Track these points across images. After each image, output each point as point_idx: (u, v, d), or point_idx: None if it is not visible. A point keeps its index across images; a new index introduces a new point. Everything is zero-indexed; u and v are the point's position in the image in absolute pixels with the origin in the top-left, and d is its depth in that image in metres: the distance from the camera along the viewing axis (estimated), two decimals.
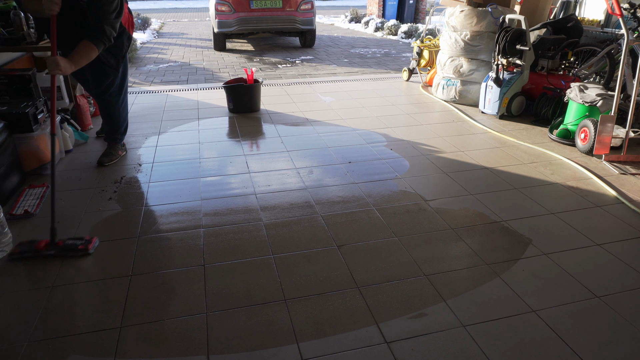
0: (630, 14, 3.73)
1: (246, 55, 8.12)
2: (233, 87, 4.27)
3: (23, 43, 3.33)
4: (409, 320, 1.74)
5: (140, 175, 3.02)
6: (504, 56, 4.08)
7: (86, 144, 3.55)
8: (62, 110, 3.63)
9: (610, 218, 2.48)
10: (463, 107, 4.53)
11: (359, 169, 3.09)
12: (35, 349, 1.61)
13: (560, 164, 3.19)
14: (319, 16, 15.33)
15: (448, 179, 2.94)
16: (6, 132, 2.67)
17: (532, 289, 1.91)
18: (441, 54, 4.83)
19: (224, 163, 3.21)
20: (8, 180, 2.65)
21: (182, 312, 1.78)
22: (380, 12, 13.92)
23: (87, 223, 2.42)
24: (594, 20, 4.97)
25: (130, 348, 1.62)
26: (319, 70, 6.75)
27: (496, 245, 2.23)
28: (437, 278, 1.98)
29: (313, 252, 2.17)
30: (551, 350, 1.60)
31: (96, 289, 1.93)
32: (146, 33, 10.59)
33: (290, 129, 3.91)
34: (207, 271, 2.03)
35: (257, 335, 1.67)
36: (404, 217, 2.48)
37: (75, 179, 2.94)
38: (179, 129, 3.92)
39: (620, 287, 1.93)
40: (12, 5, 3.36)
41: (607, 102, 3.29)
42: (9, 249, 2.16)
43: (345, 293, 1.89)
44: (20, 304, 1.83)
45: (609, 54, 4.14)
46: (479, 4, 4.65)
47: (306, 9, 8.25)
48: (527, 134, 3.78)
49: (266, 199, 2.68)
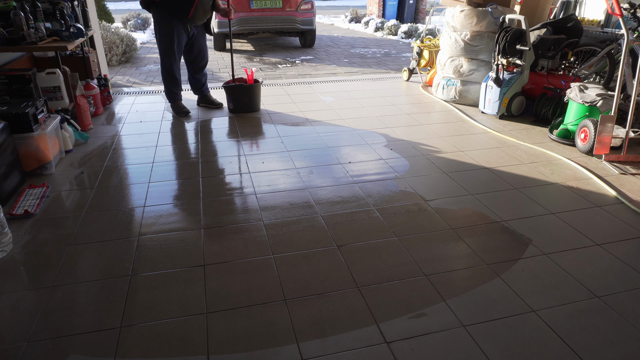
0: (630, 14, 3.73)
1: (246, 55, 8.12)
2: (233, 87, 4.27)
3: (23, 43, 3.32)
4: (409, 320, 1.74)
5: (140, 175, 3.02)
6: (504, 56, 4.08)
7: (86, 144, 3.55)
8: (62, 110, 3.63)
9: (610, 218, 2.48)
10: (463, 107, 4.53)
11: (358, 169, 3.08)
12: (35, 349, 1.61)
13: (560, 164, 3.19)
14: (319, 16, 15.33)
15: (448, 179, 2.94)
16: (6, 132, 2.67)
17: (532, 289, 1.91)
18: (441, 54, 4.83)
19: (224, 163, 3.21)
20: (8, 180, 2.65)
21: (182, 312, 1.78)
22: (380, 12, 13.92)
23: (85, 222, 2.42)
24: (594, 20, 4.97)
25: (130, 348, 1.61)
26: (319, 70, 6.75)
27: (496, 245, 2.23)
28: (437, 278, 1.98)
29: (313, 252, 2.17)
30: (551, 350, 1.60)
31: (96, 289, 1.93)
32: (146, 33, 10.59)
33: (290, 129, 3.91)
34: (207, 271, 2.03)
35: (257, 335, 1.67)
36: (404, 217, 2.48)
37: (74, 179, 2.94)
38: (179, 129, 3.92)
39: (620, 287, 1.93)
40: (12, 5, 3.36)
41: (607, 102, 3.29)
42: (9, 249, 2.16)
43: (345, 293, 1.89)
44: (20, 304, 1.83)
45: (609, 54, 4.14)
46: (479, 4, 4.65)
47: (306, 9, 8.25)
48: (527, 134, 3.78)
49: (266, 199, 2.68)
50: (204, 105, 4.58)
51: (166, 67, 4.14)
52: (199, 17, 4.00)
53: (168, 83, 4.23)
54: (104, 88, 4.52)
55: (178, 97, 4.33)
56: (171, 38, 3.98)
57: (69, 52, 4.33)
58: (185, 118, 4.22)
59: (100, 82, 4.50)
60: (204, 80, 4.49)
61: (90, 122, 3.92)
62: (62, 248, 2.20)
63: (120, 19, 11.73)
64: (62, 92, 3.74)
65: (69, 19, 3.88)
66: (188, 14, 3.88)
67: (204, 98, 4.56)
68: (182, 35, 4.04)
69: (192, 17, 3.92)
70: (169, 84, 4.23)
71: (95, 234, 2.33)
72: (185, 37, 4.08)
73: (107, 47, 6.95)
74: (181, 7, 3.86)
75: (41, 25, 3.48)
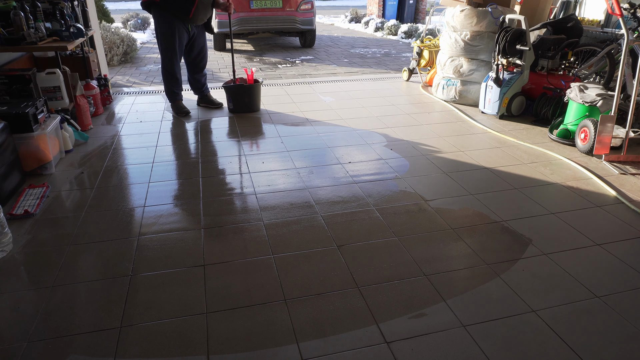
0: (630, 14, 3.73)
1: (246, 55, 8.12)
2: (233, 87, 4.27)
3: (23, 43, 3.32)
4: (409, 320, 1.74)
5: (140, 175, 3.02)
6: (504, 56, 4.08)
7: (86, 144, 3.55)
8: (62, 110, 3.63)
9: (610, 218, 2.48)
10: (463, 107, 4.53)
11: (358, 169, 3.08)
12: (35, 349, 1.61)
13: (560, 164, 3.19)
14: (319, 16, 15.34)
15: (448, 179, 2.94)
16: (6, 132, 2.67)
17: (532, 289, 1.91)
18: (441, 54, 4.83)
19: (224, 163, 3.21)
20: (8, 180, 2.65)
21: (182, 312, 1.78)
22: (380, 12, 13.92)
23: (85, 221, 2.42)
24: (594, 20, 4.97)
25: (130, 348, 1.61)
26: (319, 70, 6.75)
27: (496, 245, 2.23)
28: (437, 278, 1.98)
29: (313, 252, 2.17)
30: (551, 350, 1.60)
31: (96, 289, 1.93)
32: (146, 33, 10.59)
33: (290, 129, 3.91)
34: (207, 271, 2.03)
35: (257, 335, 1.67)
36: (404, 217, 2.48)
37: (74, 179, 2.94)
38: (179, 129, 3.92)
39: (620, 287, 1.93)
40: (12, 5, 3.36)
41: (607, 102, 3.29)
42: (9, 249, 2.16)
43: (345, 293, 1.89)
44: (20, 304, 1.83)
45: (609, 54, 4.14)
46: (479, 4, 4.65)
47: (306, 9, 8.25)
48: (527, 134, 3.78)
49: (266, 199, 2.68)
50: (204, 105, 4.58)
51: (167, 68, 4.14)
52: (200, 17, 4.00)
53: (169, 83, 4.23)
54: (104, 88, 4.52)
55: (179, 97, 4.33)
56: (172, 38, 3.98)
57: (69, 52, 4.33)
58: (185, 118, 4.22)
59: (100, 82, 4.50)
60: (203, 80, 4.50)
61: (90, 122, 3.93)
62: (62, 248, 2.20)
63: (120, 19, 11.73)
64: (62, 92, 3.74)
65: (69, 19, 3.88)
66: (189, 14, 3.88)
67: (204, 98, 4.56)
68: (183, 36, 4.04)
69: (193, 17, 3.93)
70: (169, 84, 4.24)
71: (95, 234, 2.33)
72: (186, 37, 4.09)
73: (107, 47, 6.95)
74: (182, 6, 3.87)
75: (41, 25, 3.48)
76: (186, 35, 4.07)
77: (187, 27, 4.04)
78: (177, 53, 4.07)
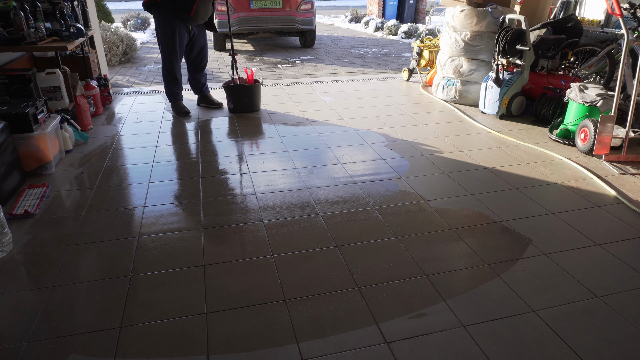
0: (630, 14, 3.73)
1: (246, 55, 8.12)
2: (233, 87, 4.27)
3: (23, 43, 3.32)
4: (409, 320, 1.74)
5: (140, 175, 3.02)
6: (504, 56, 4.08)
7: (86, 144, 3.55)
8: (62, 110, 3.63)
9: (610, 218, 2.48)
10: (463, 107, 4.53)
11: (358, 169, 3.08)
12: (35, 349, 1.61)
13: (560, 164, 3.19)
14: (319, 16, 15.34)
15: (448, 179, 2.94)
16: (6, 132, 2.67)
17: (532, 289, 1.91)
18: (441, 54, 4.83)
19: (224, 163, 3.21)
20: (8, 180, 2.65)
21: (182, 312, 1.78)
22: (380, 12, 13.92)
23: (85, 221, 2.42)
24: (594, 20, 4.97)
25: (130, 348, 1.61)
26: (319, 70, 6.75)
27: (496, 245, 2.23)
28: (437, 278, 1.98)
29: (313, 252, 2.17)
30: (551, 350, 1.60)
31: (96, 289, 1.93)
32: (146, 33, 10.59)
33: (290, 129, 3.91)
34: (207, 271, 2.03)
35: (257, 335, 1.67)
36: (404, 217, 2.48)
37: (74, 179, 2.94)
38: (179, 129, 3.92)
39: (620, 287, 1.93)
40: (12, 5, 3.36)
41: (607, 102, 3.29)
42: (9, 249, 2.16)
43: (345, 293, 1.89)
44: (20, 304, 1.83)
45: (609, 54, 4.14)
46: (479, 4, 4.65)
47: (306, 9, 8.25)
48: (527, 134, 3.78)
49: (266, 199, 2.68)
50: (204, 105, 4.58)
51: (167, 68, 4.14)
52: (201, 15, 4.00)
53: (169, 83, 4.23)
54: (104, 88, 4.52)
55: (179, 97, 4.33)
56: (173, 38, 3.98)
57: (69, 52, 4.33)
58: (186, 118, 4.22)
59: (100, 82, 4.50)
60: (203, 80, 4.50)
61: (90, 122, 3.93)
62: (62, 248, 2.20)
63: (120, 19, 11.73)
64: (62, 92, 3.74)
65: (69, 19, 3.88)
66: (190, 12, 3.88)
67: (204, 98, 4.56)
68: (184, 36, 4.05)
69: (194, 15, 3.93)
70: (170, 84, 4.24)
71: (95, 234, 2.33)
72: (187, 37, 4.09)
73: (107, 47, 6.95)
74: (183, 6, 3.87)
75: (41, 25, 3.47)
76: (186, 35, 4.07)
77: (188, 27, 4.04)
78: (178, 53, 4.07)
